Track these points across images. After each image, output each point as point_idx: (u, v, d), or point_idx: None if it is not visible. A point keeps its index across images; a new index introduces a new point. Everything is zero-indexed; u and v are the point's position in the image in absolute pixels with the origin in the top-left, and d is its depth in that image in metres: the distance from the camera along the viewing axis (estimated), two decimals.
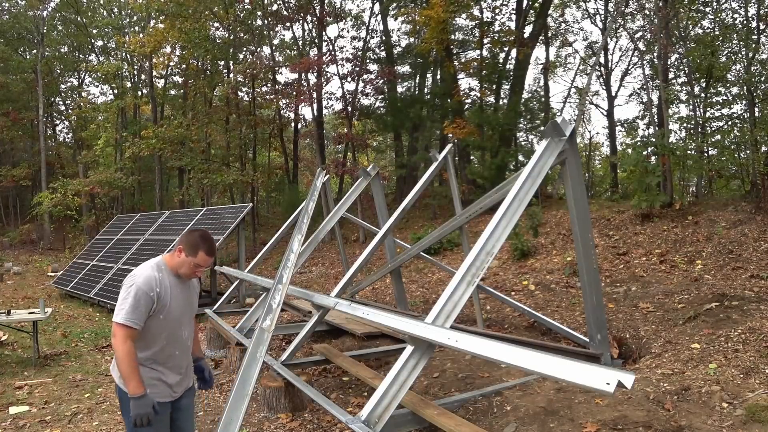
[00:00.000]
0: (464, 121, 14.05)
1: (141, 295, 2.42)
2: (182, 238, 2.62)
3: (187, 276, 2.63)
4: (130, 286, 2.44)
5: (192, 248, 2.57)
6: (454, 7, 13.42)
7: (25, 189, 26.61)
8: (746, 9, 10.95)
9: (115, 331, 2.39)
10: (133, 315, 2.39)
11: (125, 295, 2.43)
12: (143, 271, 2.52)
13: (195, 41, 16.90)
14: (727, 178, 12.78)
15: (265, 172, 21.13)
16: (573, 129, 3.80)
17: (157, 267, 2.56)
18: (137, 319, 2.39)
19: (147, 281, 2.46)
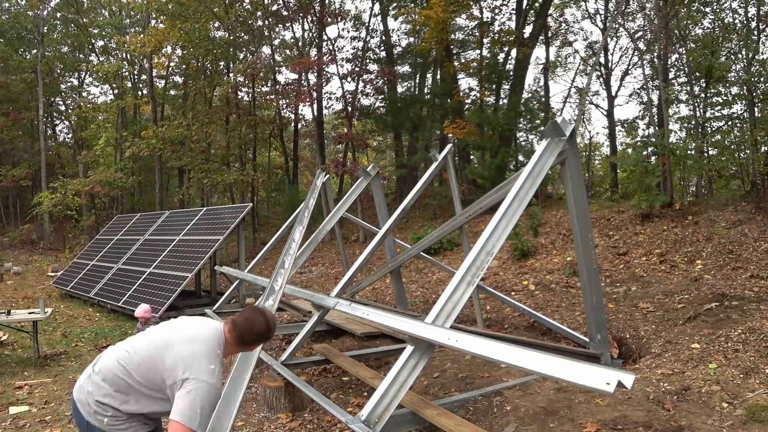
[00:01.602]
0: (464, 121, 14.06)
1: (217, 396, 2.14)
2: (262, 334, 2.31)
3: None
4: (206, 385, 2.07)
5: (270, 337, 2.40)
6: (454, 7, 13.43)
7: (25, 189, 26.61)
8: (746, 9, 10.96)
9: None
10: (208, 422, 2.09)
11: (201, 394, 2.05)
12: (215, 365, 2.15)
13: (195, 41, 16.91)
14: (727, 178, 12.78)
15: (265, 172, 21.13)
16: (573, 129, 3.80)
17: (218, 352, 2.24)
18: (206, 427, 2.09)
19: (220, 379, 2.19)
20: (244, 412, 4.56)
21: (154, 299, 8.88)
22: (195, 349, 2.15)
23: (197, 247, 9.81)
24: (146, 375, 2.16)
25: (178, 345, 2.16)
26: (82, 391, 2.24)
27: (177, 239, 10.74)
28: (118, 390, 2.17)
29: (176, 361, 2.11)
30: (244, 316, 2.31)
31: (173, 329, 2.29)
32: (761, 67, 9.91)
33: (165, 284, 9.18)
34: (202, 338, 2.21)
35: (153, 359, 2.15)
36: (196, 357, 2.12)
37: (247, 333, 2.28)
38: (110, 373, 2.20)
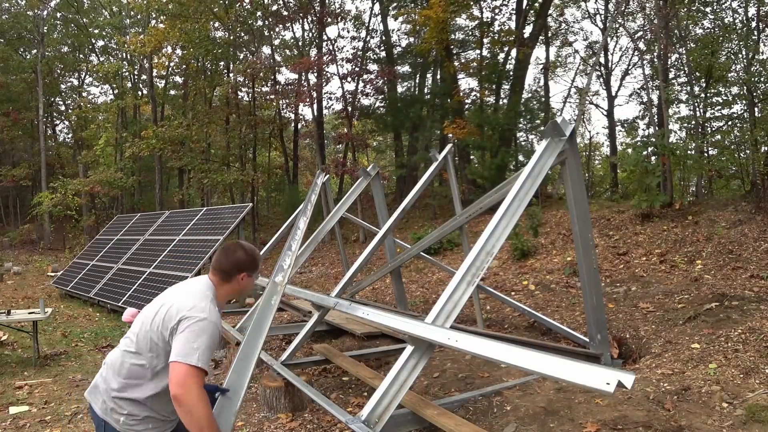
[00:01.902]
0: (464, 121, 14.06)
1: (215, 333, 2.07)
2: (241, 260, 2.27)
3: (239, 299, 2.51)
4: (201, 320, 2.03)
5: (254, 265, 2.31)
6: (454, 7, 13.43)
7: (25, 189, 26.61)
8: (746, 9, 10.96)
9: (188, 378, 1.91)
10: (208, 357, 2.00)
11: (197, 330, 2.00)
12: (206, 303, 2.12)
13: (195, 41, 16.92)
14: (727, 178, 12.79)
15: (265, 172, 21.14)
16: (573, 129, 3.80)
17: (209, 293, 2.21)
18: (208, 363, 2.02)
19: (218, 317, 2.13)
20: (244, 412, 4.56)
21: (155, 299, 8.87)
22: (185, 296, 2.15)
23: (197, 247, 9.81)
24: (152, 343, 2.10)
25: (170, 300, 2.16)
26: (97, 390, 2.21)
27: (177, 239, 10.74)
28: (130, 376, 2.11)
29: (170, 313, 2.09)
30: (218, 251, 2.33)
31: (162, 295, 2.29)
32: (761, 67, 9.92)
33: (165, 284, 9.17)
34: (190, 286, 2.24)
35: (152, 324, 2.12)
36: (187, 301, 2.11)
37: (224, 264, 2.26)
38: (118, 362, 2.16)
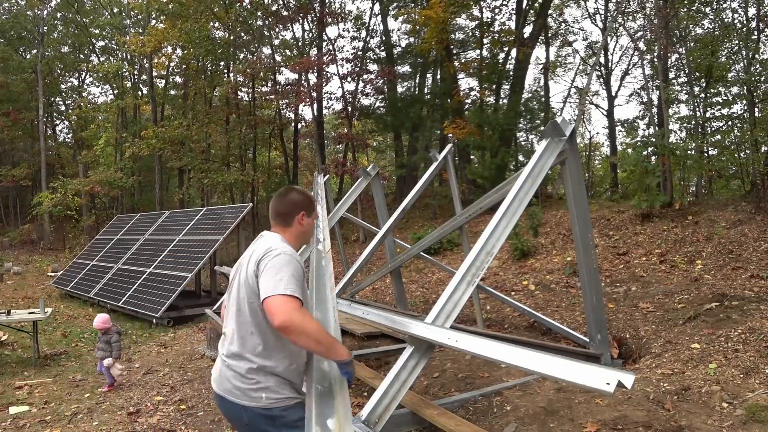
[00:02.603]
0: (464, 121, 14.06)
1: (296, 265, 1.99)
2: (295, 199, 2.23)
3: (306, 243, 2.35)
4: (277, 255, 1.97)
5: (311, 205, 2.26)
6: (454, 7, 13.43)
7: (25, 189, 26.61)
8: (746, 9, 10.96)
9: (283, 305, 1.84)
10: (295, 286, 1.92)
11: (276, 265, 1.94)
12: (280, 243, 2.08)
13: (195, 41, 16.91)
14: (727, 178, 12.80)
15: (265, 172, 21.13)
16: (573, 129, 3.80)
17: (285, 241, 2.15)
18: (298, 292, 1.92)
19: (295, 252, 2.06)
20: None
21: (154, 299, 8.88)
22: (258, 249, 2.10)
23: (197, 247, 9.82)
24: (248, 294, 2.03)
25: (245, 261, 2.11)
26: (222, 377, 2.09)
27: (177, 239, 10.74)
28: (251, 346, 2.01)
29: (250, 267, 2.04)
30: (272, 200, 2.29)
31: (240, 262, 2.21)
32: (761, 67, 9.92)
33: (165, 284, 9.18)
34: (259, 243, 2.16)
35: (246, 284, 2.04)
36: (264, 248, 2.05)
37: (280, 207, 2.22)
38: (231, 338, 2.07)
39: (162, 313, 8.41)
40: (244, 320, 2.04)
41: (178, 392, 5.21)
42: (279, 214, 2.23)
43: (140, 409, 4.77)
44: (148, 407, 4.83)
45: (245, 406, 2.00)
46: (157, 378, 5.82)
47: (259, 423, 2.01)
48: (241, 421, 2.05)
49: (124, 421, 4.50)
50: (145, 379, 5.80)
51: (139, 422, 4.45)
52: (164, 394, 5.21)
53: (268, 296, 1.87)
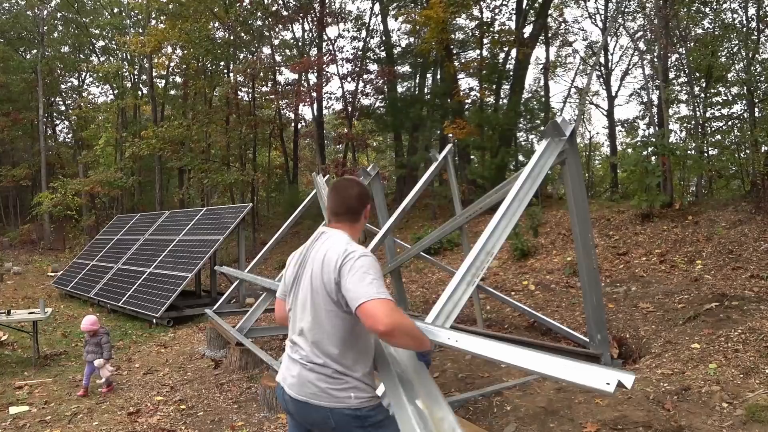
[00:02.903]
0: (464, 121, 14.05)
1: (377, 265, 1.92)
2: (363, 192, 2.15)
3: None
4: (358, 258, 1.89)
5: (368, 197, 2.18)
6: (454, 7, 13.42)
7: (25, 189, 26.61)
8: (746, 9, 10.96)
9: (383, 308, 1.77)
10: (384, 287, 1.87)
11: (361, 268, 1.86)
12: (352, 244, 2.00)
13: (195, 41, 16.91)
14: (727, 178, 12.80)
15: (265, 172, 21.13)
16: (573, 129, 3.79)
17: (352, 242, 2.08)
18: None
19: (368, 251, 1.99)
20: (244, 412, 4.56)
21: (154, 299, 8.88)
22: (330, 250, 1.99)
23: (197, 247, 9.82)
24: (324, 301, 1.94)
25: (327, 261, 1.97)
26: (304, 381, 1.98)
27: (177, 239, 10.74)
28: (332, 352, 1.94)
29: (327, 270, 1.93)
30: (331, 196, 2.17)
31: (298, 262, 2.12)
32: (761, 67, 9.93)
33: (165, 284, 9.18)
34: (326, 243, 2.06)
35: (322, 291, 1.95)
36: (339, 251, 1.96)
37: (353, 201, 2.12)
38: (309, 344, 1.98)
39: (162, 313, 8.41)
40: (322, 327, 1.96)
41: (178, 392, 5.21)
42: (350, 210, 2.13)
43: (140, 409, 4.78)
44: (148, 407, 4.83)
45: (333, 409, 1.92)
46: (157, 378, 5.82)
47: (347, 425, 1.93)
48: (327, 426, 1.96)
49: (124, 421, 4.50)
50: (145, 379, 5.80)
51: (139, 422, 4.45)
52: (164, 394, 5.21)
53: (364, 302, 1.79)
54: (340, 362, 1.94)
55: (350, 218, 2.14)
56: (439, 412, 2.00)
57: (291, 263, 2.22)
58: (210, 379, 5.55)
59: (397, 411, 1.99)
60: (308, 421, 2.04)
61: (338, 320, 1.94)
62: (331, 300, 1.93)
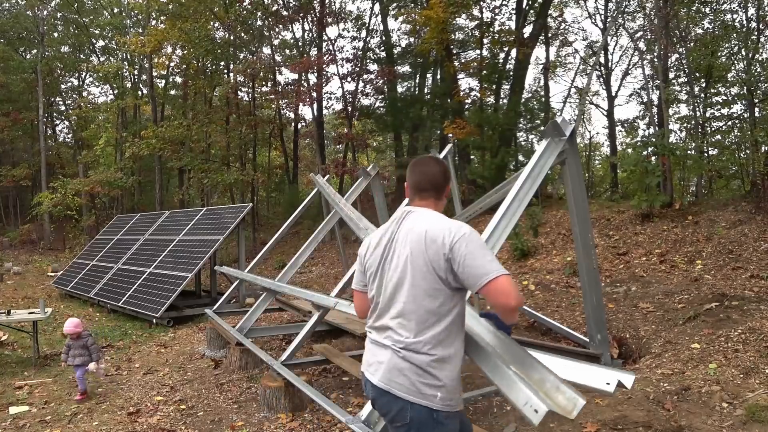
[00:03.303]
0: (464, 121, 14.05)
1: (481, 239, 1.93)
2: (446, 168, 2.10)
3: None
4: (467, 235, 1.86)
5: (450, 175, 2.14)
6: (454, 7, 13.42)
7: (25, 189, 26.62)
8: (746, 9, 10.97)
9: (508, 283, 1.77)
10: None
11: (473, 244, 1.84)
12: (449, 220, 1.97)
13: (195, 41, 16.91)
14: (727, 178, 12.80)
15: (265, 172, 21.13)
16: (573, 129, 3.79)
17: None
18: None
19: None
20: (244, 412, 4.56)
21: (154, 299, 8.88)
22: (431, 227, 1.92)
23: (197, 247, 9.82)
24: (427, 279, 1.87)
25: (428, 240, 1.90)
26: (393, 368, 1.89)
27: (177, 239, 10.74)
28: (432, 336, 1.87)
29: (432, 249, 1.87)
30: (414, 172, 2.10)
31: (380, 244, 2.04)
32: (761, 67, 9.93)
33: (165, 284, 9.18)
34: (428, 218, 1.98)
35: (426, 269, 1.88)
36: (443, 227, 1.90)
37: (437, 177, 2.07)
38: (405, 328, 1.89)
39: (162, 313, 8.41)
40: (422, 309, 1.88)
41: (178, 392, 5.21)
42: (435, 186, 2.06)
43: (140, 409, 4.78)
44: (148, 407, 4.83)
45: (413, 404, 1.85)
46: (157, 378, 5.82)
47: (420, 425, 1.86)
48: (402, 420, 1.88)
49: (124, 421, 4.50)
50: (145, 379, 5.80)
51: (139, 422, 4.46)
52: (164, 394, 5.21)
53: (496, 277, 1.76)
54: (441, 346, 1.87)
55: (435, 194, 2.08)
56: (536, 375, 1.99)
57: (370, 247, 2.12)
58: (210, 379, 5.55)
59: (503, 382, 1.99)
60: (383, 411, 1.96)
61: (441, 299, 1.88)
62: (438, 277, 1.87)
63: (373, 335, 2.06)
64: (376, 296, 2.04)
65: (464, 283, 1.85)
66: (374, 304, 2.06)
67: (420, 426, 1.86)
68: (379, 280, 2.03)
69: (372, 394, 1.99)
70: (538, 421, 1.82)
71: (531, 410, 1.87)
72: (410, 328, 1.89)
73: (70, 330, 5.19)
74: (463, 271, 1.82)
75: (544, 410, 1.84)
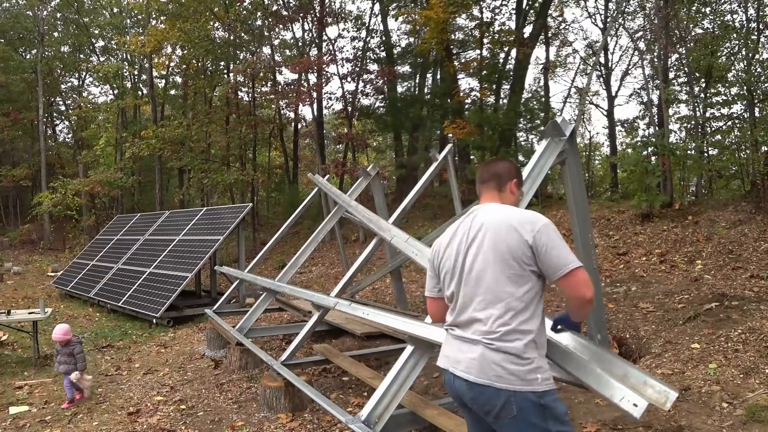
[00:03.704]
0: (464, 121, 14.05)
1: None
2: (508, 168, 2.17)
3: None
4: (546, 225, 1.92)
5: (520, 172, 2.22)
6: (454, 7, 13.42)
7: (25, 189, 26.62)
8: (746, 9, 10.96)
9: (585, 276, 1.85)
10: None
11: (552, 234, 1.90)
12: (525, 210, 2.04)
13: (195, 41, 16.91)
14: (727, 178, 12.80)
15: (265, 172, 21.13)
16: (573, 129, 3.79)
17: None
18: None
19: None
20: (244, 412, 4.56)
21: (154, 299, 8.88)
22: (516, 217, 1.97)
23: (197, 247, 9.82)
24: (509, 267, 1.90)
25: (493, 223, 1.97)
26: (488, 362, 1.87)
27: (177, 239, 10.74)
28: (522, 320, 1.89)
29: (512, 236, 1.91)
30: (481, 170, 2.22)
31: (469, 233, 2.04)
32: (761, 67, 9.92)
33: (165, 284, 9.18)
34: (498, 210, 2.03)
35: (509, 256, 1.91)
36: (521, 216, 1.96)
37: (499, 169, 2.17)
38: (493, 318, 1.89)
39: (162, 313, 8.41)
40: (508, 297, 1.89)
41: (178, 392, 5.21)
42: (495, 176, 2.15)
43: (140, 409, 4.78)
44: (148, 407, 4.83)
45: (517, 392, 1.82)
46: (157, 378, 5.82)
47: (528, 414, 1.82)
48: (509, 413, 1.83)
49: (124, 421, 4.50)
50: (145, 379, 5.80)
51: (139, 422, 4.46)
52: (164, 394, 5.21)
53: (576, 267, 1.84)
54: (529, 329, 1.88)
55: (496, 184, 2.15)
56: (618, 371, 1.99)
57: (441, 248, 2.17)
58: (210, 379, 5.55)
59: (594, 380, 1.99)
60: (485, 409, 1.89)
61: (526, 285, 1.91)
62: (521, 264, 1.90)
63: (456, 331, 2.04)
64: (456, 292, 2.05)
65: (544, 272, 1.90)
66: (454, 300, 2.06)
67: (528, 415, 1.82)
68: (458, 276, 2.04)
69: (465, 393, 1.93)
70: (639, 415, 1.83)
71: (630, 404, 1.86)
72: (498, 317, 1.90)
73: (58, 337, 5.09)
74: (544, 260, 1.88)
75: (644, 404, 1.83)
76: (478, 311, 1.94)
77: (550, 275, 1.89)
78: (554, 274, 1.87)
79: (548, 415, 1.83)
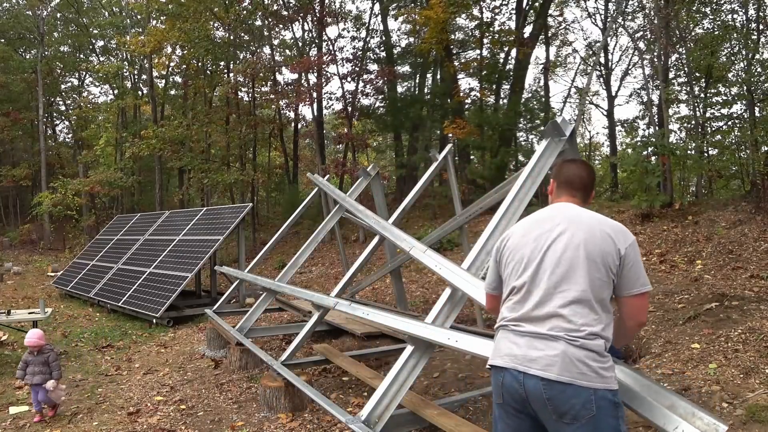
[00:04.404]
0: (464, 121, 14.05)
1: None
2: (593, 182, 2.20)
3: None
4: (634, 243, 1.98)
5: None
6: (454, 7, 13.43)
7: (25, 189, 26.62)
8: (746, 9, 10.96)
9: (648, 301, 2.00)
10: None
11: (638, 253, 1.97)
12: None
13: (195, 41, 16.91)
14: (727, 178, 12.80)
15: (265, 172, 21.12)
16: (573, 129, 3.79)
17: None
18: None
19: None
20: (244, 412, 4.56)
21: (154, 299, 8.88)
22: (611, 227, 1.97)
23: (197, 247, 9.82)
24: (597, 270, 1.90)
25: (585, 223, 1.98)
26: (571, 359, 1.81)
27: (177, 239, 10.74)
28: (604, 324, 1.89)
29: (605, 243, 1.92)
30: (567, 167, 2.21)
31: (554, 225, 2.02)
32: (761, 67, 9.92)
33: (165, 284, 9.18)
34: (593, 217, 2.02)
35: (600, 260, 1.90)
36: (615, 228, 1.98)
37: (591, 178, 2.18)
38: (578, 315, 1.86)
39: (162, 313, 8.41)
40: (598, 297, 1.88)
41: (178, 392, 5.21)
42: (586, 186, 2.16)
43: (140, 409, 4.78)
44: (148, 407, 4.83)
45: (597, 390, 1.78)
46: (157, 378, 5.82)
47: (605, 412, 1.78)
48: (588, 412, 1.78)
49: (124, 421, 4.50)
50: (145, 379, 5.80)
51: (139, 422, 4.46)
52: (164, 394, 5.21)
53: (647, 291, 1.92)
54: (605, 340, 1.87)
55: (583, 197, 2.16)
56: (666, 401, 1.98)
57: (513, 237, 2.11)
58: (210, 379, 5.55)
59: (647, 409, 1.99)
60: (562, 410, 1.79)
61: (607, 292, 1.92)
62: (608, 271, 1.90)
63: (525, 327, 1.93)
64: (529, 284, 1.96)
65: (618, 284, 1.94)
66: (523, 292, 1.98)
67: (605, 414, 1.79)
68: (535, 267, 1.97)
69: (547, 393, 1.81)
70: None
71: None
72: (586, 315, 1.86)
73: (33, 342, 4.60)
74: (627, 274, 1.92)
75: None
76: (563, 308, 1.87)
77: (622, 290, 1.93)
78: (628, 291, 1.92)
79: (620, 413, 1.84)
